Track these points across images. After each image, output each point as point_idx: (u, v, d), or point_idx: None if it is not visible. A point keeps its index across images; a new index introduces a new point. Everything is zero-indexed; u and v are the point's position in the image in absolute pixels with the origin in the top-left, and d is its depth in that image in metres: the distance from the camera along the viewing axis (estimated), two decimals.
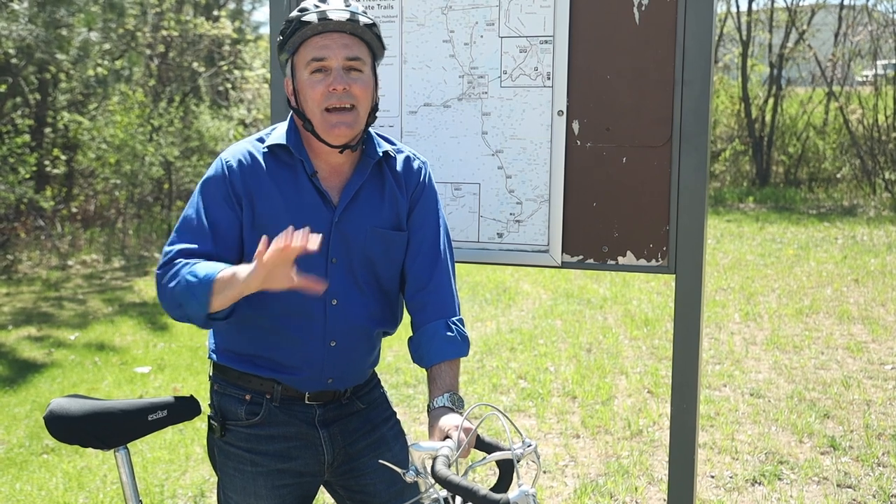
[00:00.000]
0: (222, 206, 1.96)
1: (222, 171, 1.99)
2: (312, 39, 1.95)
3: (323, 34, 1.94)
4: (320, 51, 1.94)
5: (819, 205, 14.00)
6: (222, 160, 2.01)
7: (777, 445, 4.49)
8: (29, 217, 10.79)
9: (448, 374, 1.99)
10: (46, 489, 4.14)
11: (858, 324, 6.88)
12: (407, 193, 2.10)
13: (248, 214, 1.98)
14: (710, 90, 2.37)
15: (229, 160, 2.00)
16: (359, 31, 1.96)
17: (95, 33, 10.15)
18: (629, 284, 8.38)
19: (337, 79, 1.93)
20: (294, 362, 2.04)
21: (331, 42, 1.94)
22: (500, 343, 6.46)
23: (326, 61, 1.94)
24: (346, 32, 1.95)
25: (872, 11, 16.27)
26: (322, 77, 1.94)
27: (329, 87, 1.93)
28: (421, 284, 2.08)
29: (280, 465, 2.06)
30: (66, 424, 1.99)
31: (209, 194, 1.98)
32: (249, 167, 1.99)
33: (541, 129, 2.50)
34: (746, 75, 16.49)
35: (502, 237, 2.57)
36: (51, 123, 11.26)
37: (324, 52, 1.94)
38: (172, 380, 5.81)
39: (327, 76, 1.94)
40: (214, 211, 1.96)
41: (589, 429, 4.77)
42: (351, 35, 1.96)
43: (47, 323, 7.41)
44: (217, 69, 14.88)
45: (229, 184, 1.97)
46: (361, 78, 1.96)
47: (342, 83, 1.93)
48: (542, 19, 2.47)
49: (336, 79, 1.93)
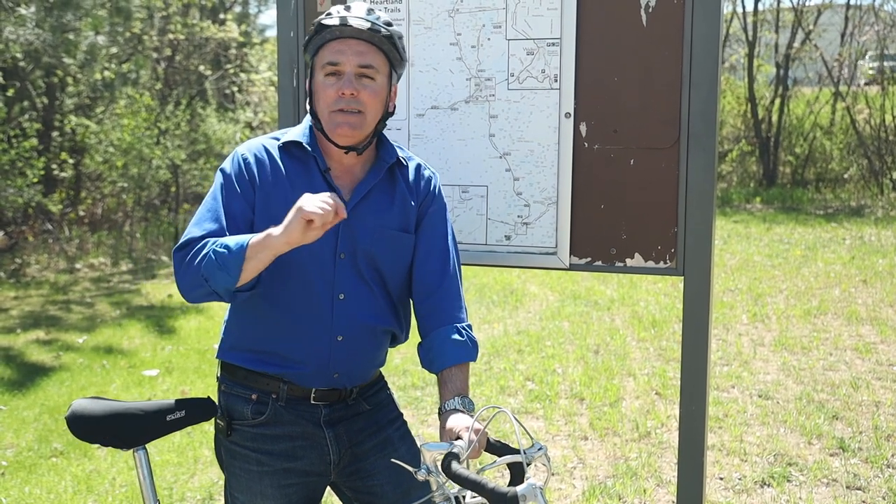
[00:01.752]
0: (238, 196, 2.03)
1: (238, 162, 2.06)
2: (331, 43, 2.02)
3: (341, 39, 2.01)
4: (336, 55, 2.01)
5: (826, 205, 13.96)
6: (238, 153, 2.08)
7: (786, 447, 4.48)
8: (37, 221, 10.84)
9: (458, 378, 2.01)
10: (55, 492, 4.15)
11: (867, 325, 6.85)
12: (417, 201, 2.15)
13: (261, 206, 2.03)
14: (718, 91, 2.37)
15: (244, 153, 2.07)
16: (376, 41, 2.01)
17: (102, 37, 10.20)
18: (636, 286, 8.37)
19: (346, 83, 1.99)
20: (301, 356, 2.06)
21: (346, 48, 2.00)
22: (508, 345, 6.46)
23: (340, 66, 2.00)
24: (363, 40, 2.01)
25: (879, 11, 16.25)
26: (335, 80, 2.01)
27: (339, 91, 1.99)
28: (430, 291, 2.11)
29: (286, 464, 2.07)
30: (88, 424, 2.04)
31: (225, 185, 2.05)
32: (263, 160, 2.06)
33: (548, 131, 2.50)
34: (753, 76, 16.46)
35: (510, 239, 2.57)
36: (58, 127, 11.30)
37: (339, 56, 2.00)
38: (180, 383, 5.82)
39: (339, 80, 2.01)
40: (230, 201, 2.02)
41: (597, 430, 4.77)
42: (368, 43, 2.02)
43: (55, 326, 7.44)
44: (223, 72, 14.92)
45: (244, 174, 2.04)
46: (372, 85, 2.02)
47: (351, 88, 1.99)
48: (549, 22, 2.47)
49: (346, 83, 1.99)
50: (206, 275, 1.89)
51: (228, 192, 2.03)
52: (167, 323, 7.51)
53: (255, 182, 2.03)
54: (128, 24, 11.32)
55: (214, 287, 1.90)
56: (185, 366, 6.22)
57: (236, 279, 1.88)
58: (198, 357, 6.43)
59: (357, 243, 2.06)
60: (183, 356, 6.48)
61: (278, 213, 1.96)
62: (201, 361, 6.31)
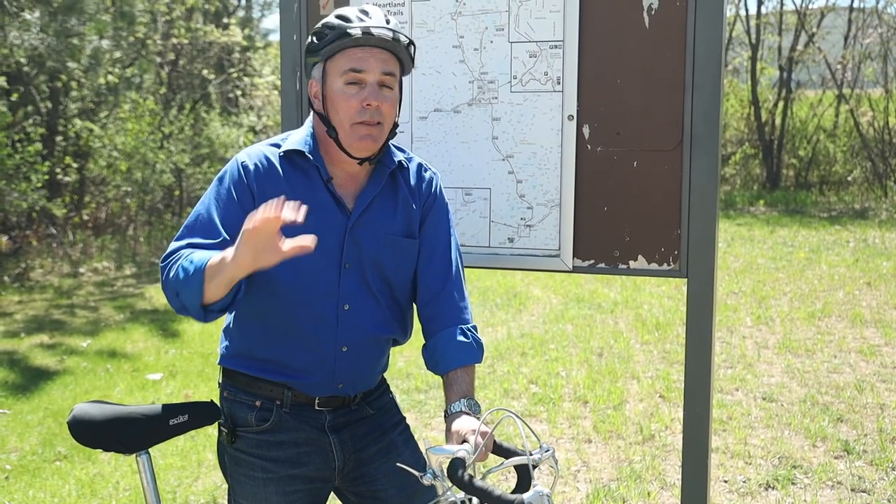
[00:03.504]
0: (233, 203, 1.97)
1: (238, 169, 2.00)
2: (352, 50, 1.96)
3: (364, 47, 1.96)
4: (359, 62, 1.95)
5: (830, 208, 13.95)
6: (238, 160, 2.02)
7: (790, 450, 4.47)
8: (41, 225, 10.85)
9: (464, 380, 1.99)
10: (59, 496, 4.15)
11: (871, 327, 6.84)
12: (420, 203, 2.13)
13: None
14: (721, 93, 2.37)
15: (245, 161, 2.01)
16: (397, 49, 1.98)
17: (106, 41, 10.22)
18: (640, 288, 8.36)
19: (371, 94, 1.95)
20: (305, 366, 2.05)
21: (370, 56, 1.95)
22: (511, 348, 6.45)
23: (364, 74, 1.95)
24: (386, 49, 1.98)
25: (882, 14, 16.22)
26: (357, 90, 1.95)
27: (363, 101, 1.95)
28: (434, 293, 2.10)
29: (291, 470, 2.06)
30: (90, 429, 2.00)
31: (221, 191, 1.99)
32: (264, 169, 2.00)
33: (551, 133, 2.50)
34: (756, 78, 16.45)
35: (513, 242, 2.57)
36: (62, 132, 11.32)
37: (363, 64, 1.95)
38: (184, 386, 5.83)
39: (362, 90, 1.95)
40: (224, 208, 1.97)
41: (601, 433, 4.76)
42: (389, 52, 1.98)
43: (59, 330, 7.44)
44: (227, 76, 14.94)
45: (243, 182, 1.98)
46: (391, 95, 1.99)
47: (377, 99, 1.95)
48: (551, 24, 2.47)
49: (371, 94, 1.95)
50: (176, 289, 1.84)
51: (224, 200, 1.97)
52: (171, 326, 7.52)
53: (254, 191, 1.97)
54: (131, 29, 11.35)
55: (184, 301, 1.84)
56: (189, 369, 6.22)
57: (199, 298, 1.80)
58: (201, 361, 6.43)
59: (363, 253, 2.03)
60: (186, 360, 6.49)
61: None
62: (205, 365, 6.31)
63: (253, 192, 1.98)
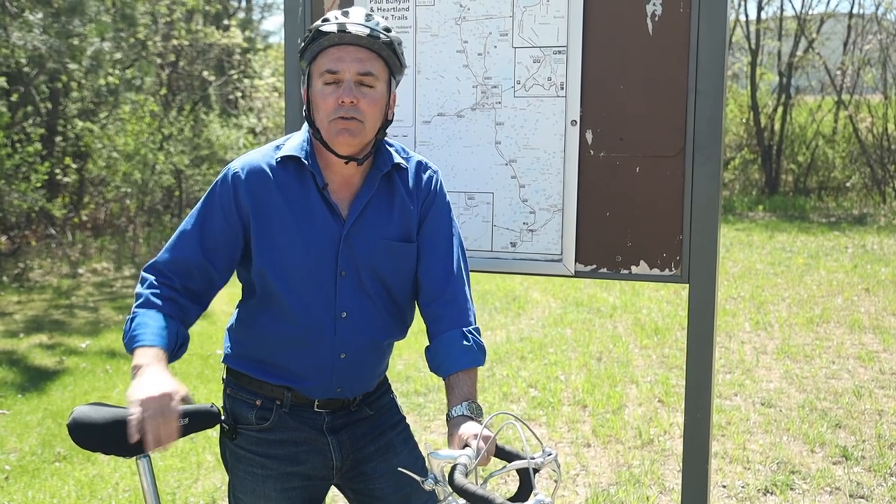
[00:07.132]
0: (219, 218, 2.00)
1: (229, 181, 2.01)
2: (329, 50, 1.96)
3: (339, 46, 1.95)
4: (335, 63, 1.95)
5: (829, 213, 13.97)
6: (230, 170, 2.02)
7: (789, 455, 4.48)
8: (40, 225, 10.85)
9: (466, 383, 1.99)
10: (59, 497, 4.15)
11: (869, 333, 6.85)
12: (418, 203, 2.11)
13: (257, 226, 2.00)
14: (724, 99, 2.38)
15: (237, 171, 2.01)
16: (376, 47, 1.96)
17: (107, 43, 10.22)
18: (639, 293, 8.37)
19: (346, 91, 1.94)
20: (303, 371, 2.06)
21: (345, 55, 1.95)
22: (511, 352, 6.46)
23: (339, 73, 1.95)
24: (363, 47, 1.95)
25: (882, 20, 16.26)
26: (333, 89, 1.95)
27: (338, 99, 1.94)
28: (436, 294, 2.09)
29: (289, 468, 2.08)
30: (89, 432, 1.98)
31: (210, 204, 2.02)
32: (258, 179, 2.00)
33: (554, 138, 2.51)
34: (755, 84, 16.48)
35: (515, 246, 2.58)
36: (62, 132, 11.32)
37: (338, 64, 1.94)
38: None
39: (338, 88, 1.95)
40: (211, 222, 2.00)
41: (600, 438, 4.77)
42: (367, 50, 1.96)
43: (58, 331, 7.44)
44: (227, 78, 14.94)
45: (233, 195, 2.00)
46: (371, 94, 1.97)
47: (350, 96, 1.94)
48: (555, 30, 2.48)
49: (345, 91, 1.94)
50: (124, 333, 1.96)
51: (210, 214, 2.00)
52: None
53: (244, 204, 1.99)
54: (132, 30, 11.35)
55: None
56: (188, 371, 6.22)
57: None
58: (200, 362, 6.43)
59: (358, 259, 2.03)
60: (185, 361, 6.48)
61: (276, 236, 1.98)
62: (204, 367, 6.31)
63: (244, 203, 1.99)
